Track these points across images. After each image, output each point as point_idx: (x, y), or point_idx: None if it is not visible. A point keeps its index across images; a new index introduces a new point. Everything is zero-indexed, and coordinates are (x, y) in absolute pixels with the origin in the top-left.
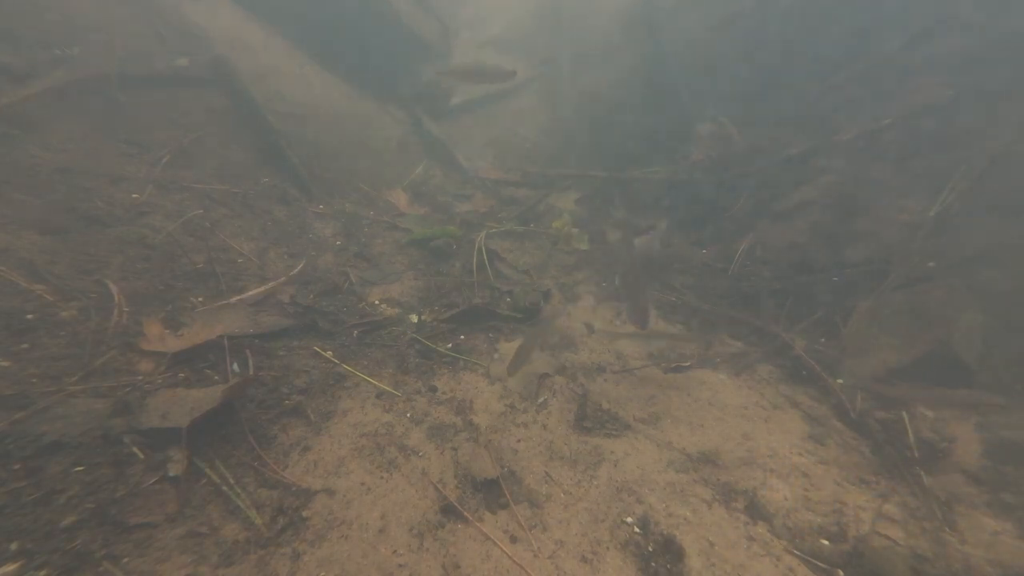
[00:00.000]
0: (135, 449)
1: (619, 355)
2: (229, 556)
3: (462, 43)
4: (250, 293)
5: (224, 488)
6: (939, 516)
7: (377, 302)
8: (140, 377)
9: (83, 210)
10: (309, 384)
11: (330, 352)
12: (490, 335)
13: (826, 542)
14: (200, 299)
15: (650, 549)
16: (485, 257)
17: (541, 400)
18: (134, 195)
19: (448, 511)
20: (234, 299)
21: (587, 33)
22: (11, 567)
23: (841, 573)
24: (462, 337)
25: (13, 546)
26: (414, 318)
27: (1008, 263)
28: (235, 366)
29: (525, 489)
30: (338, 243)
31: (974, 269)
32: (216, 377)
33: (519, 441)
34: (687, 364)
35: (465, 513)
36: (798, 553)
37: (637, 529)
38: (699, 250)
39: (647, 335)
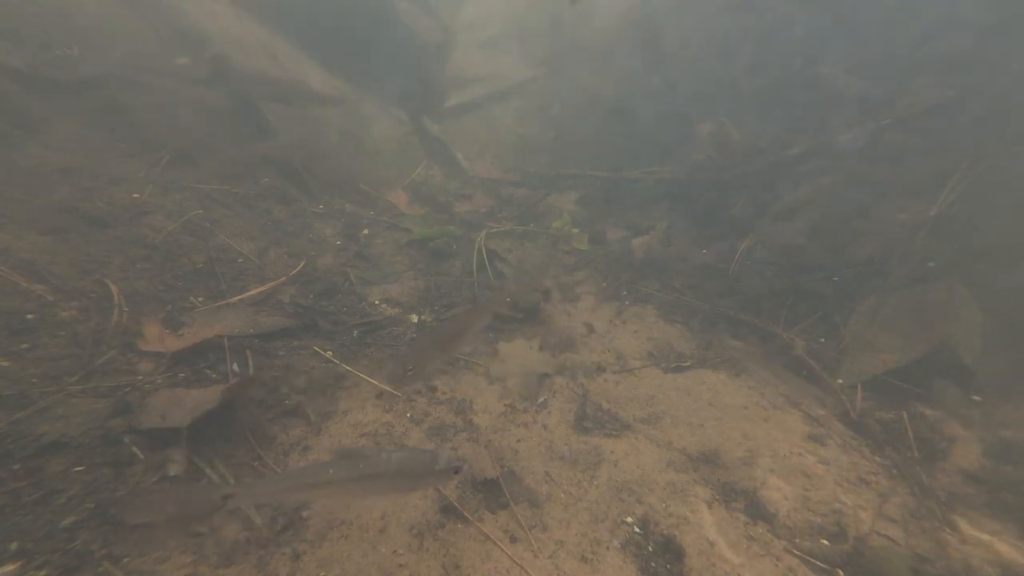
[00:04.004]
0: (135, 449)
1: (619, 355)
2: (229, 556)
3: (462, 43)
4: (250, 293)
5: None
6: (939, 516)
7: (377, 302)
8: (140, 377)
9: (83, 210)
10: (309, 384)
11: (330, 352)
12: (490, 335)
13: (826, 542)
14: (200, 299)
15: (650, 549)
16: (485, 257)
17: (541, 400)
18: (134, 195)
19: (448, 511)
20: (234, 299)
21: (587, 33)
22: (11, 567)
23: (841, 573)
24: None
25: (13, 546)
26: (414, 318)
27: (1008, 262)
28: (235, 366)
29: (525, 489)
30: (338, 243)
31: (974, 269)
32: (216, 377)
33: (519, 441)
34: (687, 364)
35: (465, 513)
36: (798, 553)
37: (637, 529)
38: (699, 250)
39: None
